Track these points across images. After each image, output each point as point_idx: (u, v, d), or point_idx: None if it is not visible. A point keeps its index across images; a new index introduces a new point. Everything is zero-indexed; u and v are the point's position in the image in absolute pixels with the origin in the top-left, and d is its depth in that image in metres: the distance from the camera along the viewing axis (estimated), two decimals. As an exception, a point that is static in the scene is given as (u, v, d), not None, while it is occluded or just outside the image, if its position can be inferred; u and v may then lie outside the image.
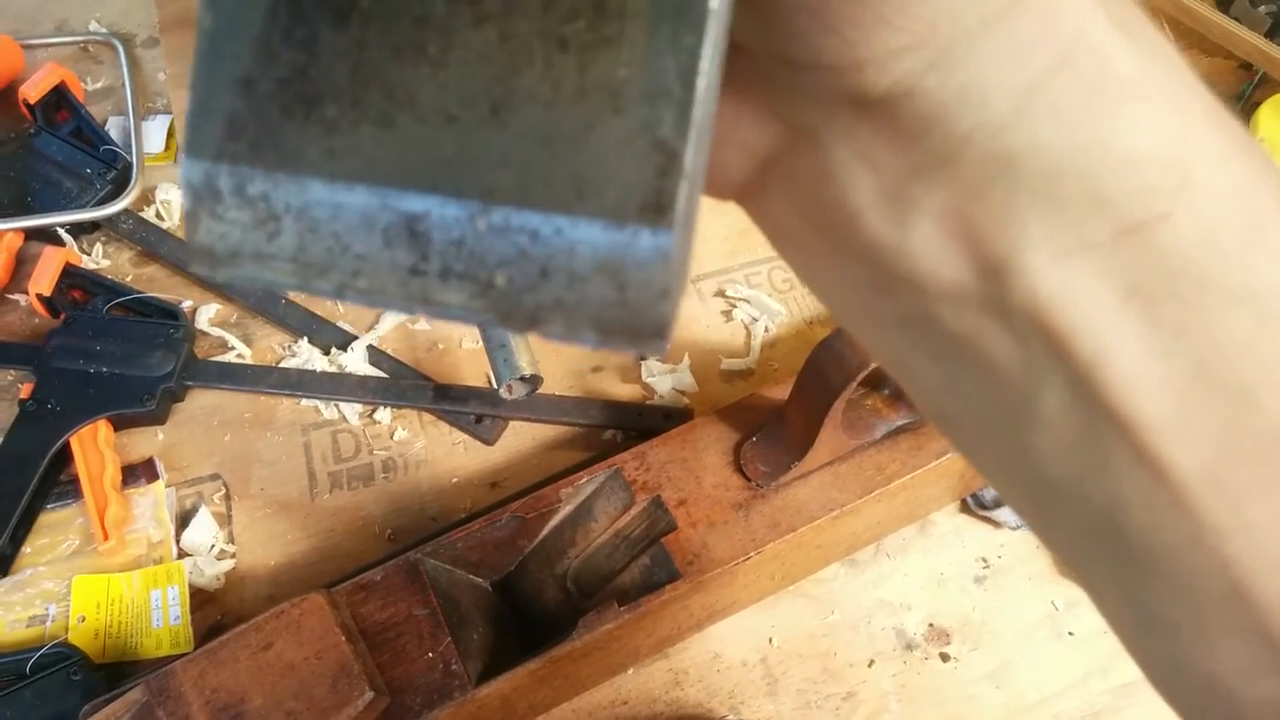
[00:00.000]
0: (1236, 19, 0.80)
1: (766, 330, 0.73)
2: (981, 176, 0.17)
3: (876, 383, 0.58)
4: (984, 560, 0.63)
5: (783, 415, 0.56)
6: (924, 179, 0.18)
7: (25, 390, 0.64)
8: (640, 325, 0.17)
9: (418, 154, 0.17)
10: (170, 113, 0.78)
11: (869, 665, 0.59)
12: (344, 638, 0.47)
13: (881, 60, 0.17)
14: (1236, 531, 0.18)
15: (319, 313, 0.70)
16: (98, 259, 0.72)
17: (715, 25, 0.16)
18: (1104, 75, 0.17)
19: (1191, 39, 0.84)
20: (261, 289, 0.19)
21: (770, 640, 0.60)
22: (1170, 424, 0.18)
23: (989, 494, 0.64)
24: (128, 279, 0.72)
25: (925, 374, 0.21)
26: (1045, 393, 0.18)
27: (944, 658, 0.59)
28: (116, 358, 0.65)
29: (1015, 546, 0.64)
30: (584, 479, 0.56)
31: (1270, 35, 0.80)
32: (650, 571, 0.54)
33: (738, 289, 0.74)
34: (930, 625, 0.60)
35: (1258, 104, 0.77)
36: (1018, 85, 0.17)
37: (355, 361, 0.68)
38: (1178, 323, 0.17)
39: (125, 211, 0.72)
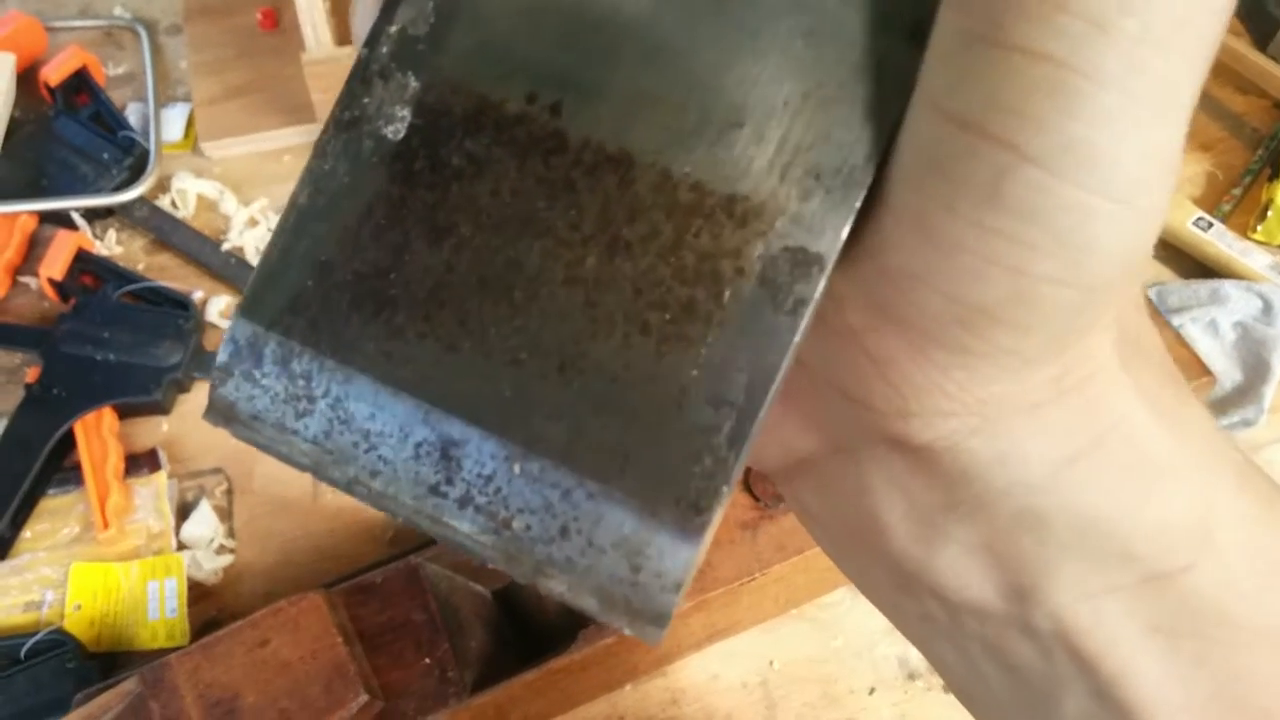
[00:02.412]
0: (1273, 58, 0.80)
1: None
2: (1013, 524, 0.19)
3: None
4: (990, 591, 0.62)
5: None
6: (956, 516, 0.19)
7: (32, 374, 0.63)
8: (643, 609, 0.17)
9: (474, 384, 0.17)
10: (190, 101, 0.78)
11: (870, 693, 0.58)
12: (340, 639, 0.47)
13: (928, 417, 0.18)
14: None
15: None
16: (110, 245, 0.72)
17: (794, 352, 0.17)
18: (1138, 458, 0.18)
19: (1226, 76, 0.83)
20: (267, 454, 0.20)
21: (771, 663, 0.59)
22: None
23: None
24: (140, 267, 0.71)
25: (946, 658, 0.21)
26: (1068, 696, 0.19)
27: (946, 688, 0.59)
28: (125, 346, 0.65)
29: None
30: (590, 490, 0.55)
31: (1304, 74, 0.79)
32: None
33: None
34: (933, 654, 0.60)
35: (1287, 143, 0.76)
36: (1056, 458, 0.18)
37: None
38: (1199, 655, 0.19)
39: (140, 199, 0.72)
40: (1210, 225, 0.71)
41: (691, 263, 0.17)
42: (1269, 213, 0.73)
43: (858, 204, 0.17)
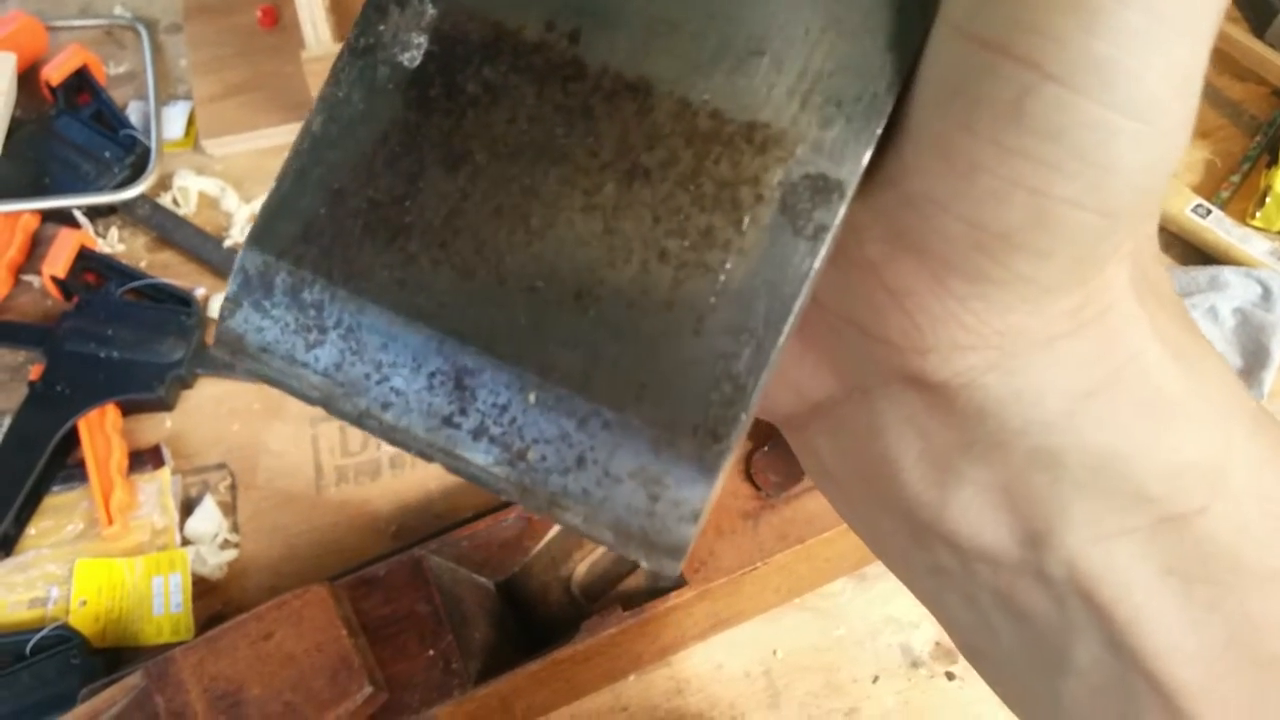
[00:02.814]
0: (1271, 45, 0.79)
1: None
2: (1028, 463, 0.18)
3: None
4: (993, 579, 0.62)
5: (795, 425, 0.56)
6: (971, 456, 0.19)
7: (35, 372, 0.63)
8: (660, 541, 0.17)
9: (489, 312, 0.17)
10: (191, 99, 0.78)
11: (873, 681, 0.59)
12: (345, 631, 0.47)
13: (946, 352, 0.18)
14: None
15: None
16: (113, 243, 0.72)
17: (811, 282, 0.17)
18: (1153, 395, 0.18)
19: (1224, 64, 0.83)
20: (273, 387, 0.19)
21: (774, 652, 0.59)
22: (1203, 688, 0.19)
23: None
24: (142, 264, 0.71)
25: (956, 613, 0.21)
26: (1079, 645, 0.19)
27: (949, 676, 0.59)
28: (128, 343, 0.65)
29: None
30: (592, 481, 0.55)
31: (1302, 61, 0.79)
32: (656, 578, 0.53)
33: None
34: (936, 644, 0.60)
35: (1286, 130, 0.76)
36: (1072, 393, 0.18)
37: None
38: (1212, 600, 0.18)
39: (142, 196, 0.72)
40: (1209, 212, 0.71)
41: (711, 190, 0.17)
42: (1267, 199, 0.73)
43: (879, 131, 0.17)
